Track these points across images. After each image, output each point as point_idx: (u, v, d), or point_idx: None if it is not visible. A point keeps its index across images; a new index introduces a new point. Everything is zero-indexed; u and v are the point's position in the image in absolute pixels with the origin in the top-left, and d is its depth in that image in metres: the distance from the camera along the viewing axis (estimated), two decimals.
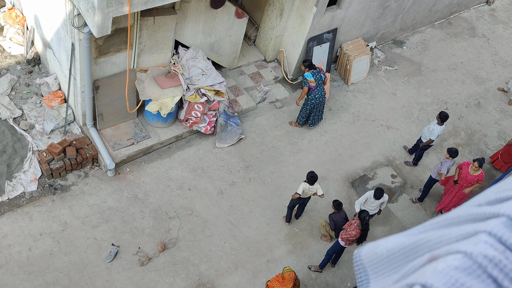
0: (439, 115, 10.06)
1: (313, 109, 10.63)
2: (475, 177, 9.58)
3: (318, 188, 8.96)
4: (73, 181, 9.40)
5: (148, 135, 10.05)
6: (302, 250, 9.53)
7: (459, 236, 1.26)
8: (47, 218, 8.87)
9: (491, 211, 1.27)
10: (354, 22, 11.93)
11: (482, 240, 1.19)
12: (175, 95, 9.63)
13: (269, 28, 11.77)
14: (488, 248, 1.18)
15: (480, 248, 1.18)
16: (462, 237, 1.25)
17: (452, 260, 1.18)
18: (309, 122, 11.03)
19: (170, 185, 9.74)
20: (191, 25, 9.79)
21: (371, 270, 1.49)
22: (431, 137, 10.27)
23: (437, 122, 10.14)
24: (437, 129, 10.16)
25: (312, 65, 10.21)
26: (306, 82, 10.25)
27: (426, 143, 10.45)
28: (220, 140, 10.49)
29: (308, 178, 8.83)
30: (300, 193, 8.90)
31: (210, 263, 8.98)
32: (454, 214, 1.39)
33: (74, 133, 9.85)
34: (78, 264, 8.48)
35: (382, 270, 1.46)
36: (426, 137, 10.40)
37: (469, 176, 9.58)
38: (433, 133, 10.21)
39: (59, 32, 8.95)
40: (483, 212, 1.29)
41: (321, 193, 8.95)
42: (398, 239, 1.46)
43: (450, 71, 13.58)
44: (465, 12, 15.30)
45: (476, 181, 9.64)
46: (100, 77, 9.15)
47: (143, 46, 9.20)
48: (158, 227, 9.17)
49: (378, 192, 8.85)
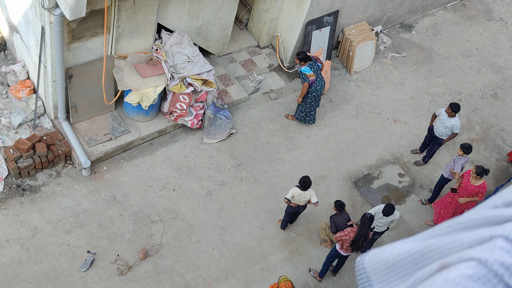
0: (450, 107, 10.11)
1: (313, 101, 10.64)
2: (475, 188, 9.44)
3: (312, 195, 8.94)
4: (43, 181, 9.36)
5: (128, 130, 10.03)
6: (299, 257, 9.56)
7: (473, 242, 1.26)
8: (14, 222, 8.83)
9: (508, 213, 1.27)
10: (357, 4, 11.94)
11: (499, 246, 1.19)
12: (157, 85, 9.60)
13: (262, 10, 11.75)
14: (505, 254, 1.17)
15: (496, 254, 1.18)
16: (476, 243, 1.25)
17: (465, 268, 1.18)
18: (308, 118, 11.02)
19: (152, 186, 9.73)
20: (176, 6, 9.75)
21: (375, 279, 1.49)
22: (454, 131, 10.32)
23: (448, 114, 10.17)
24: (456, 122, 10.22)
25: (307, 56, 10.20)
26: (306, 78, 10.25)
27: (449, 138, 10.49)
28: (208, 135, 10.48)
29: (300, 182, 8.84)
30: (289, 198, 8.90)
31: (198, 272, 8.98)
32: (467, 217, 1.39)
33: (44, 128, 9.80)
34: (49, 274, 8.46)
35: (387, 279, 1.46)
36: (444, 133, 10.42)
37: (469, 185, 9.49)
38: (455, 127, 10.26)
39: (27, 15, 8.89)
40: (499, 215, 1.29)
41: (315, 201, 8.95)
42: (405, 245, 1.46)
43: (464, 59, 13.63)
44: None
45: (476, 192, 9.49)
46: (74, 64, 9.10)
47: (122, 30, 9.16)
48: (139, 232, 9.16)
49: (388, 209, 8.78)
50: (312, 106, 10.73)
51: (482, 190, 9.45)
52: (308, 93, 10.50)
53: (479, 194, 9.50)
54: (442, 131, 10.42)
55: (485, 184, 9.46)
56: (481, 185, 9.44)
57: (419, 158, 11.34)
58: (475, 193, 9.50)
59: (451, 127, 10.29)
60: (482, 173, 9.30)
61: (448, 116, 10.22)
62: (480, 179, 9.42)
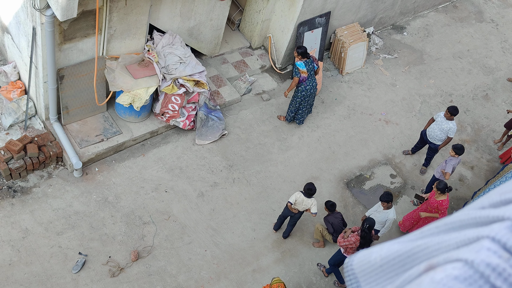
0: (448, 110, 10.11)
1: (302, 101, 10.64)
2: (435, 202, 9.22)
3: (313, 204, 8.90)
4: (35, 183, 9.32)
5: (120, 131, 10.00)
6: (291, 258, 9.56)
7: (460, 243, 1.26)
8: (5, 224, 8.78)
9: (495, 214, 1.27)
10: (349, 5, 11.96)
11: (485, 247, 1.19)
12: (149, 86, 9.58)
13: (254, 11, 11.76)
14: (491, 255, 1.18)
15: (482, 255, 1.18)
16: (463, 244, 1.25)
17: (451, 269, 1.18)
18: (297, 118, 11.02)
19: (144, 187, 9.71)
20: (168, 7, 9.74)
21: (364, 280, 1.49)
22: (449, 135, 10.29)
23: (447, 118, 10.18)
24: (453, 126, 10.21)
25: (306, 53, 10.21)
26: (298, 72, 10.25)
27: (445, 143, 10.45)
28: (200, 136, 10.47)
29: (305, 189, 8.82)
30: (292, 202, 8.89)
31: (190, 273, 8.97)
32: (455, 218, 1.40)
33: (35, 129, 9.76)
34: (40, 275, 8.41)
35: (375, 280, 1.46)
36: (441, 138, 10.40)
37: (431, 199, 9.34)
38: (451, 131, 10.22)
39: (18, 15, 8.85)
40: (486, 216, 1.29)
41: (314, 211, 8.92)
42: (393, 246, 1.46)
43: (455, 60, 13.69)
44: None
45: (436, 207, 9.25)
46: (65, 65, 9.07)
47: (114, 31, 9.13)
48: (131, 234, 9.14)
49: (385, 195, 8.84)
50: (302, 105, 10.72)
51: (440, 207, 9.17)
52: (298, 91, 10.50)
53: (439, 210, 9.25)
54: (437, 134, 10.39)
55: (445, 201, 9.16)
56: (441, 201, 9.15)
57: (411, 160, 11.36)
58: (434, 208, 9.27)
59: (447, 130, 10.25)
60: (444, 189, 9.03)
61: (447, 119, 10.23)
62: (442, 195, 9.14)
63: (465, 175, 11.49)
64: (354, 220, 10.23)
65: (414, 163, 11.42)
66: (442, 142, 10.49)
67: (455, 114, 10.14)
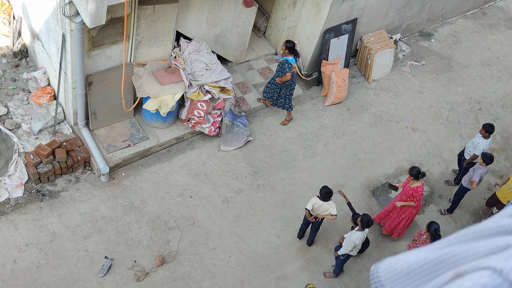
0: (483, 126, 9.87)
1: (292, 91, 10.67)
2: (410, 189, 9.05)
3: (332, 208, 8.78)
4: (62, 187, 9.46)
5: (146, 136, 10.10)
6: (316, 266, 9.51)
7: (488, 250, 1.25)
8: (34, 227, 8.93)
9: None
10: (376, 12, 11.91)
11: None
12: (176, 92, 9.66)
13: (280, 18, 11.79)
14: None
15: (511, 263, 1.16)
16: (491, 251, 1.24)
17: (479, 277, 1.17)
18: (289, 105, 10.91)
19: (169, 192, 9.77)
20: (195, 14, 9.83)
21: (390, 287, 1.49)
22: (475, 152, 10.05)
23: (482, 134, 9.92)
24: (482, 143, 9.93)
25: (294, 49, 10.14)
26: (290, 69, 10.19)
27: (469, 160, 10.22)
28: (225, 142, 10.51)
29: (322, 194, 8.68)
30: (309, 209, 8.82)
31: (214, 279, 8.98)
32: (483, 225, 1.38)
33: (64, 134, 9.91)
34: (67, 279, 8.53)
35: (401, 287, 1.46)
36: (469, 152, 10.21)
37: (406, 187, 9.17)
38: (478, 148, 9.95)
39: (48, 22, 9.02)
40: None
41: (335, 213, 8.81)
42: (420, 253, 1.46)
43: (484, 67, 13.50)
44: (501, 1, 15.21)
45: (411, 195, 9.07)
46: (94, 71, 9.20)
47: (141, 37, 9.25)
48: (156, 239, 9.20)
49: None
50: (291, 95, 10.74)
51: (415, 194, 9.03)
52: (291, 84, 10.45)
53: (414, 198, 9.10)
54: (468, 147, 10.21)
55: (420, 187, 9.01)
56: (416, 187, 9.00)
57: (438, 169, 11.20)
58: (409, 195, 9.10)
59: (475, 146, 10.01)
60: (417, 175, 8.90)
61: (482, 136, 9.95)
62: (416, 181, 9.00)
63: (493, 184, 11.30)
64: (379, 229, 10.14)
65: (442, 171, 11.28)
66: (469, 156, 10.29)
67: (490, 132, 9.85)
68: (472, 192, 10.45)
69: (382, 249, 10.02)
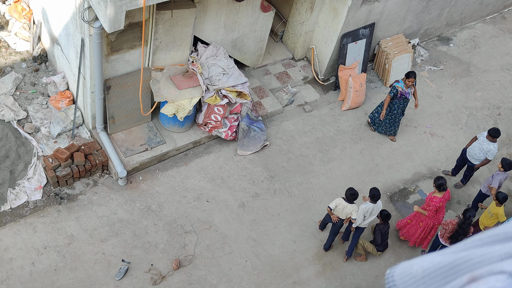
0: (488, 132, 9.90)
1: None
2: (428, 198, 9.24)
3: (354, 210, 8.78)
4: (81, 190, 9.55)
5: (163, 141, 10.16)
6: (332, 272, 9.47)
7: (504, 255, 1.25)
8: (52, 230, 9.02)
9: None
10: (394, 16, 11.87)
11: None
12: (193, 97, 9.72)
13: (298, 23, 11.80)
14: None
15: None
16: (506, 256, 1.24)
17: (494, 281, 1.17)
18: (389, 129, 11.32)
19: (186, 196, 9.82)
20: (212, 19, 9.88)
21: None
22: (487, 157, 10.07)
23: (489, 139, 9.93)
24: (494, 148, 9.96)
25: None
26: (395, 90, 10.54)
27: (481, 164, 10.24)
28: (242, 146, 10.53)
29: (347, 195, 8.73)
30: (332, 208, 8.83)
31: (230, 283, 9.00)
32: (499, 230, 1.38)
33: (82, 137, 10.02)
34: (84, 281, 8.60)
35: None
36: (479, 157, 10.18)
37: (429, 194, 9.31)
38: (490, 153, 10.00)
39: (67, 27, 9.14)
40: None
41: (355, 217, 8.80)
42: (435, 258, 1.46)
43: (503, 72, 13.36)
44: None
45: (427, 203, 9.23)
46: (112, 76, 9.30)
47: (159, 42, 9.32)
48: (173, 242, 9.24)
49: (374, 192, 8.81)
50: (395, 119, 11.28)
51: (430, 203, 9.17)
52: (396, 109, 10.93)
53: (428, 206, 9.24)
54: (476, 153, 10.15)
55: (437, 198, 9.11)
56: (433, 197, 9.16)
57: (458, 175, 11.11)
58: (427, 203, 9.25)
59: (486, 152, 10.02)
60: (439, 186, 9.03)
61: (489, 141, 9.97)
62: (437, 191, 9.16)
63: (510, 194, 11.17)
64: (396, 234, 10.07)
65: (461, 177, 11.16)
66: (479, 162, 10.23)
67: (496, 136, 9.88)
68: (490, 198, 10.32)
69: (400, 255, 9.95)
